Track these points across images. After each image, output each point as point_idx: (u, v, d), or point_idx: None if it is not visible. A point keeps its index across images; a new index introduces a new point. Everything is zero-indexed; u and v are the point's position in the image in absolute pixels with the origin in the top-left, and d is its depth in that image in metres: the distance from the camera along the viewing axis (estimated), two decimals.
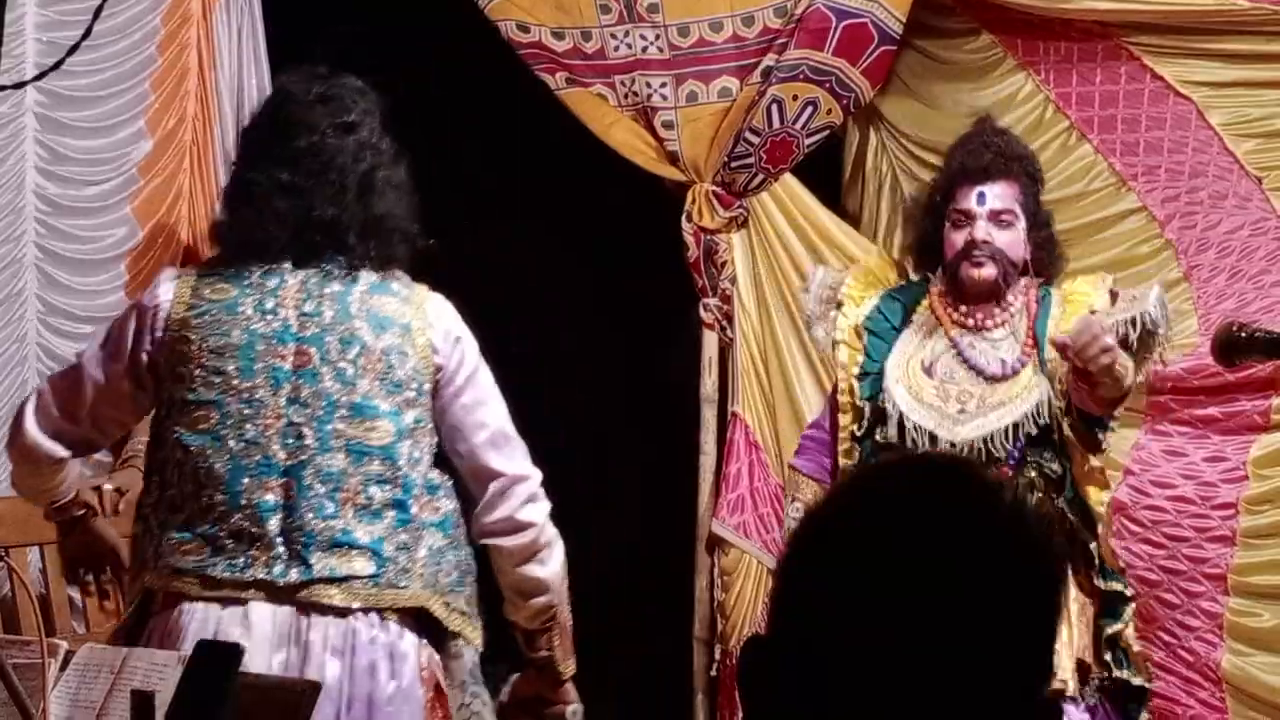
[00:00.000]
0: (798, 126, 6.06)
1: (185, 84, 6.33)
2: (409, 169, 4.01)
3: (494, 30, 6.16)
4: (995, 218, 4.84)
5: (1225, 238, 5.95)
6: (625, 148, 6.14)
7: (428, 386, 3.80)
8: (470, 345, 3.91)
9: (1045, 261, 4.87)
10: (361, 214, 3.81)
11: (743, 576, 6.09)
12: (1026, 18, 6.07)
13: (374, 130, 3.92)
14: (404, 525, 3.74)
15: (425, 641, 3.82)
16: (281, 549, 3.68)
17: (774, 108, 6.02)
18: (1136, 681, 4.82)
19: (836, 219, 6.23)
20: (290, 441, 3.70)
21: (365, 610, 3.72)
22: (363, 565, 3.69)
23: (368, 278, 3.81)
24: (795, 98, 6.04)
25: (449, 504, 3.85)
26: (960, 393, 4.78)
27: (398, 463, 3.73)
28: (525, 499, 3.90)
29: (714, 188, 6.11)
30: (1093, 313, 4.71)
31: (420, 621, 3.81)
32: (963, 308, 4.86)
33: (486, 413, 3.89)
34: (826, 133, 6.14)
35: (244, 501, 3.69)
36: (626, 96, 6.14)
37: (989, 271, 4.78)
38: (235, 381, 3.72)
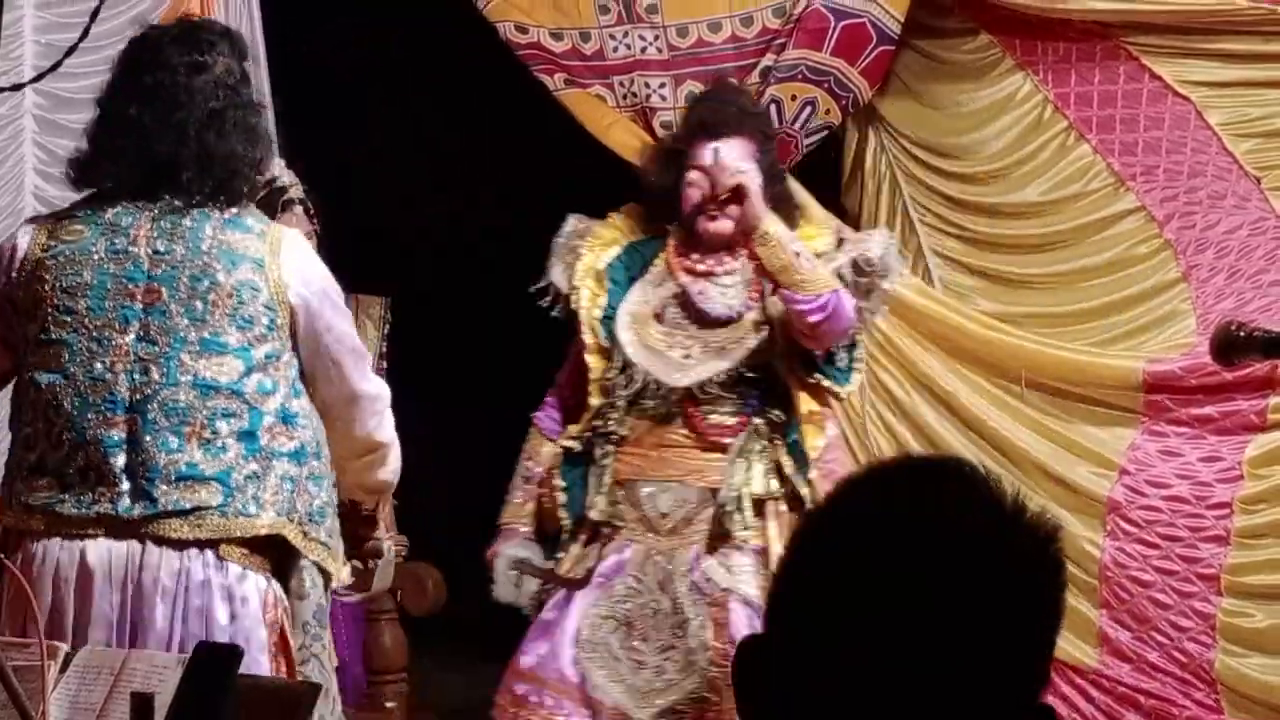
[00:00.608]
0: (796, 126, 6.06)
1: None
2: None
3: (492, 31, 6.16)
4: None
5: (1224, 237, 5.95)
6: (624, 148, 6.14)
7: (281, 321, 3.77)
8: (325, 276, 3.91)
9: (780, 217, 4.94)
10: (199, 151, 3.78)
11: None
12: (1025, 18, 6.07)
13: (230, 72, 3.87)
14: (253, 455, 3.72)
15: (274, 582, 3.79)
16: (126, 484, 3.67)
17: (772, 108, 6.02)
18: None
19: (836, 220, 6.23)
20: (137, 378, 3.69)
21: (205, 546, 3.69)
22: (209, 496, 3.67)
23: (220, 214, 3.79)
24: (794, 98, 6.04)
25: (306, 434, 3.82)
26: (686, 338, 4.87)
27: (244, 396, 3.71)
28: (380, 416, 3.98)
29: None
30: (818, 255, 4.82)
31: (271, 560, 3.79)
32: (694, 255, 4.93)
33: (352, 339, 3.93)
34: (825, 133, 6.15)
35: (89, 438, 3.68)
36: (625, 97, 6.14)
37: (725, 225, 4.84)
38: (85, 320, 3.72)
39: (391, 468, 4.08)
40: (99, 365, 3.70)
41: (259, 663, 3.70)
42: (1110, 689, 5.80)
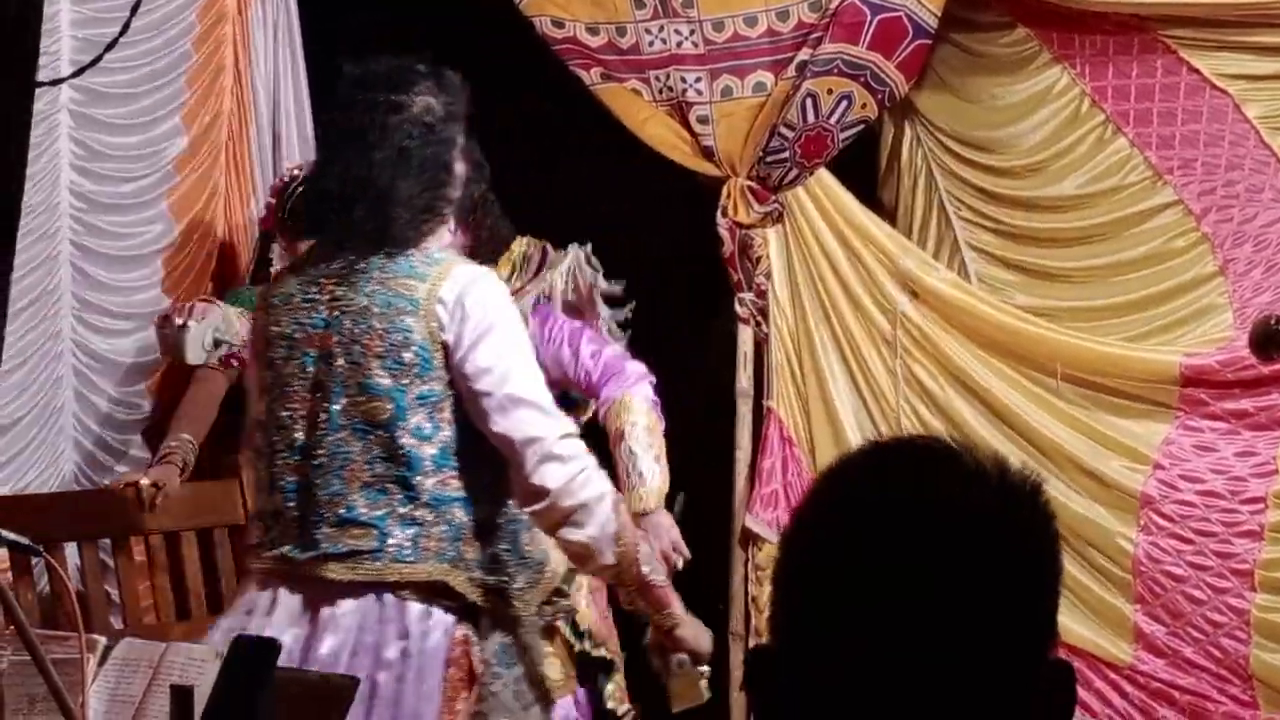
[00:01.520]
0: (832, 121, 6.05)
1: (221, 80, 6.35)
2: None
3: (528, 25, 6.16)
4: None
5: (1262, 231, 5.94)
6: (660, 143, 6.14)
7: (437, 361, 3.75)
8: (480, 313, 3.76)
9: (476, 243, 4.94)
10: (374, 190, 3.77)
11: None
12: (1061, 11, 6.05)
13: (429, 110, 3.85)
14: (412, 501, 3.73)
15: (464, 623, 3.79)
16: (298, 528, 3.77)
17: (809, 102, 6.02)
18: (596, 654, 4.89)
19: (872, 214, 6.23)
20: (309, 424, 3.78)
21: (375, 587, 3.74)
22: (365, 541, 3.72)
23: (388, 257, 3.80)
24: (830, 92, 6.03)
25: (482, 478, 3.81)
26: None
27: (399, 439, 3.72)
28: (538, 461, 3.71)
29: (749, 183, 6.10)
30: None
31: (455, 600, 3.79)
32: None
33: (490, 380, 3.74)
34: (861, 127, 6.13)
35: (275, 484, 3.82)
36: (661, 92, 6.14)
37: None
38: (279, 369, 3.83)
39: (589, 529, 3.75)
40: (284, 413, 3.82)
41: (430, 700, 3.75)
42: (1145, 684, 5.79)
